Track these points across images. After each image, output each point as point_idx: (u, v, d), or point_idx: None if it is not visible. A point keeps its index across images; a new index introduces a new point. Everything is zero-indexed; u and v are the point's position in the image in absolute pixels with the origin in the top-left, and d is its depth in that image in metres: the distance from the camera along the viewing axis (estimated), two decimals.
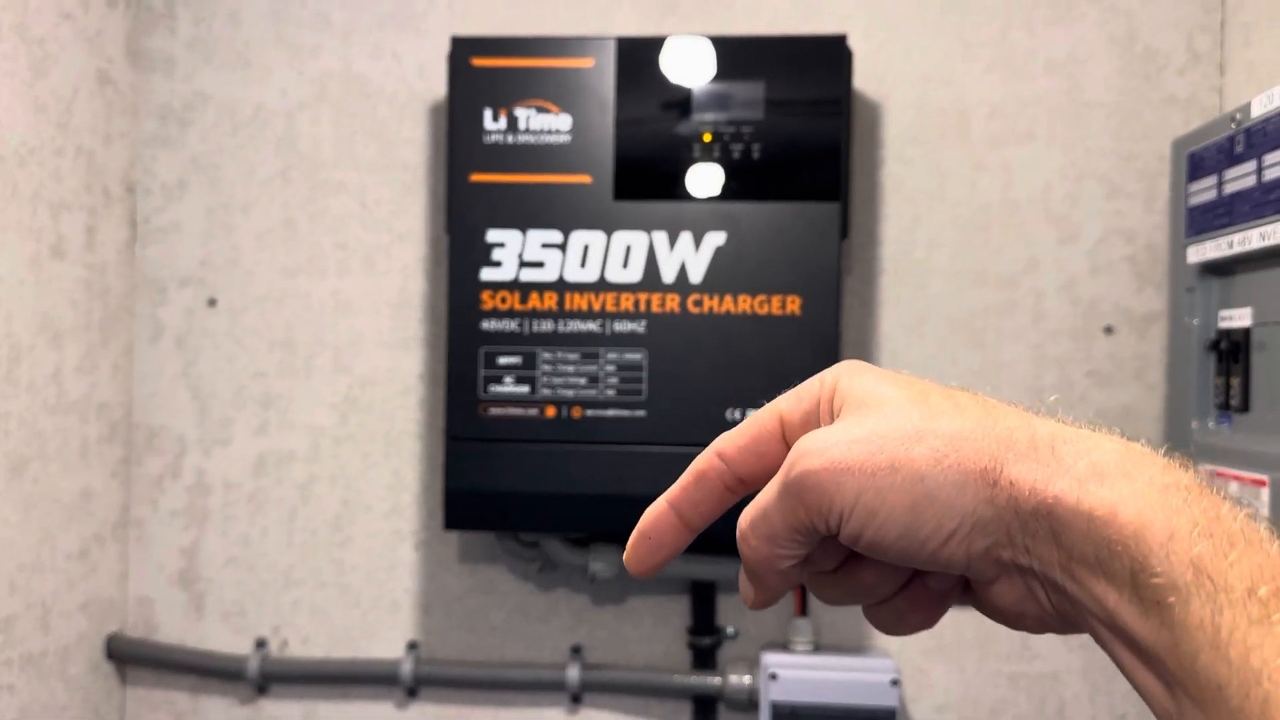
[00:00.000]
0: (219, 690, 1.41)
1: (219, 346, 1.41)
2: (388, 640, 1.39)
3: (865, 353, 1.32)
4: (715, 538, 1.23)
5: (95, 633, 1.36)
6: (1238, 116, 0.96)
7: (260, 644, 1.40)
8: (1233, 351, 1.00)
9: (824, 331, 1.17)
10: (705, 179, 1.18)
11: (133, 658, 1.40)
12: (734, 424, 1.15)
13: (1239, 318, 1.00)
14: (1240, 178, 0.96)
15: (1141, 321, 1.29)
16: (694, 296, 1.18)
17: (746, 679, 1.28)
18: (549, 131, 1.19)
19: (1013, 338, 1.31)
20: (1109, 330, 1.29)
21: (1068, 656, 1.29)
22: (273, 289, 1.40)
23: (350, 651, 1.39)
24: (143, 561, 1.42)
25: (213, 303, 1.41)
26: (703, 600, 1.33)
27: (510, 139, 1.19)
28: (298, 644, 1.40)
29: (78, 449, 1.31)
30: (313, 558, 1.40)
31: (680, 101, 1.19)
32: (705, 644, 1.32)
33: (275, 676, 1.39)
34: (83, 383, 1.32)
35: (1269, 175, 0.91)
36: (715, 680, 1.30)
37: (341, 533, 1.39)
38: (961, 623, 1.31)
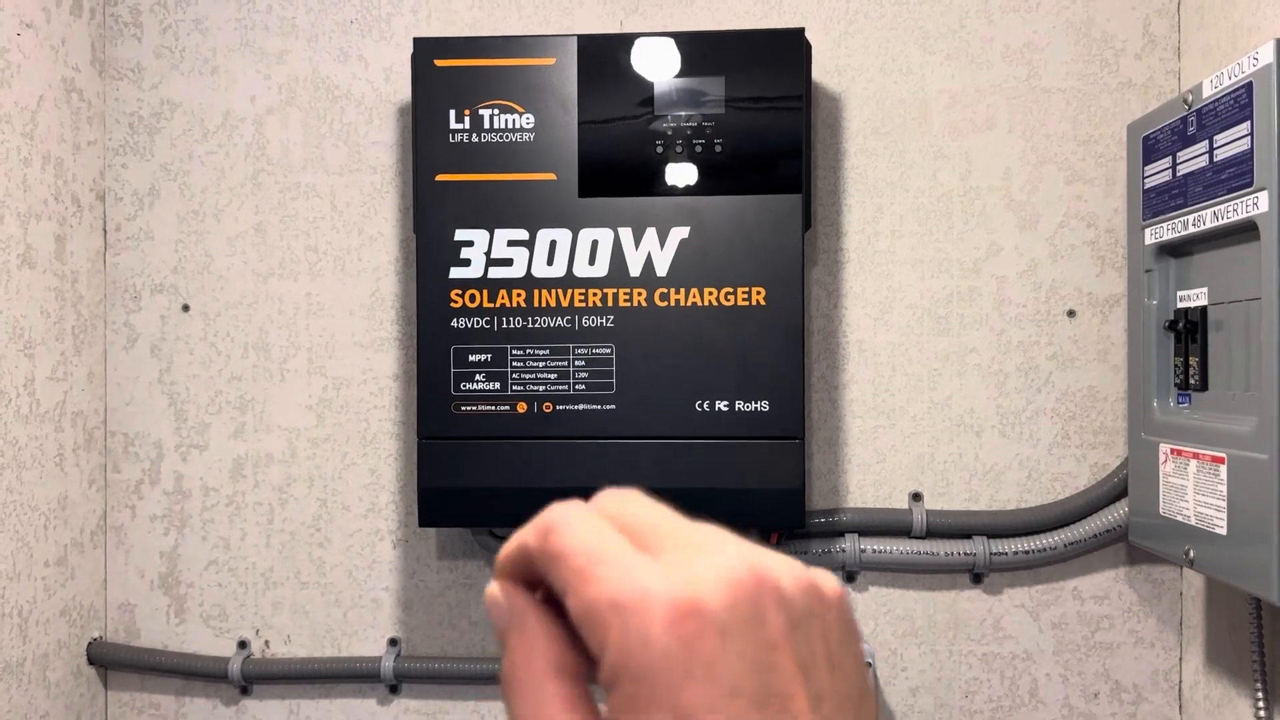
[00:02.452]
0: (202, 692, 1.42)
1: (193, 351, 1.42)
2: (369, 638, 1.40)
3: (833, 342, 1.34)
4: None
5: (76, 639, 1.37)
6: (1189, 98, 0.98)
7: (242, 645, 1.41)
8: (1190, 331, 1.02)
9: (789, 321, 1.18)
10: (669, 174, 1.20)
11: (114, 662, 1.41)
12: (702, 415, 1.16)
13: (1196, 297, 1.02)
14: (1193, 159, 0.98)
15: (1103, 304, 1.31)
16: (660, 290, 1.20)
17: None
18: (513, 130, 1.20)
19: (976, 323, 1.32)
20: (1071, 314, 1.31)
21: (1039, 637, 1.32)
22: (246, 293, 1.41)
23: (332, 650, 1.40)
24: (123, 567, 1.43)
25: (186, 308, 1.42)
26: None
27: (475, 139, 1.21)
28: (280, 644, 1.41)
29: (54, 457, 1.32)
30: (292, 558, 1.41)
31: (642, 98, 1.20)
32: None
33: (258, 677, 1.40)
34: (56, 391, 1.33)
35: (1220, 155, 0.93)
36: None
37: (320, 533, 1.41)
38: (933, 606, 1.33)
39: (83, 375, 1.38)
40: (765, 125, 1.20)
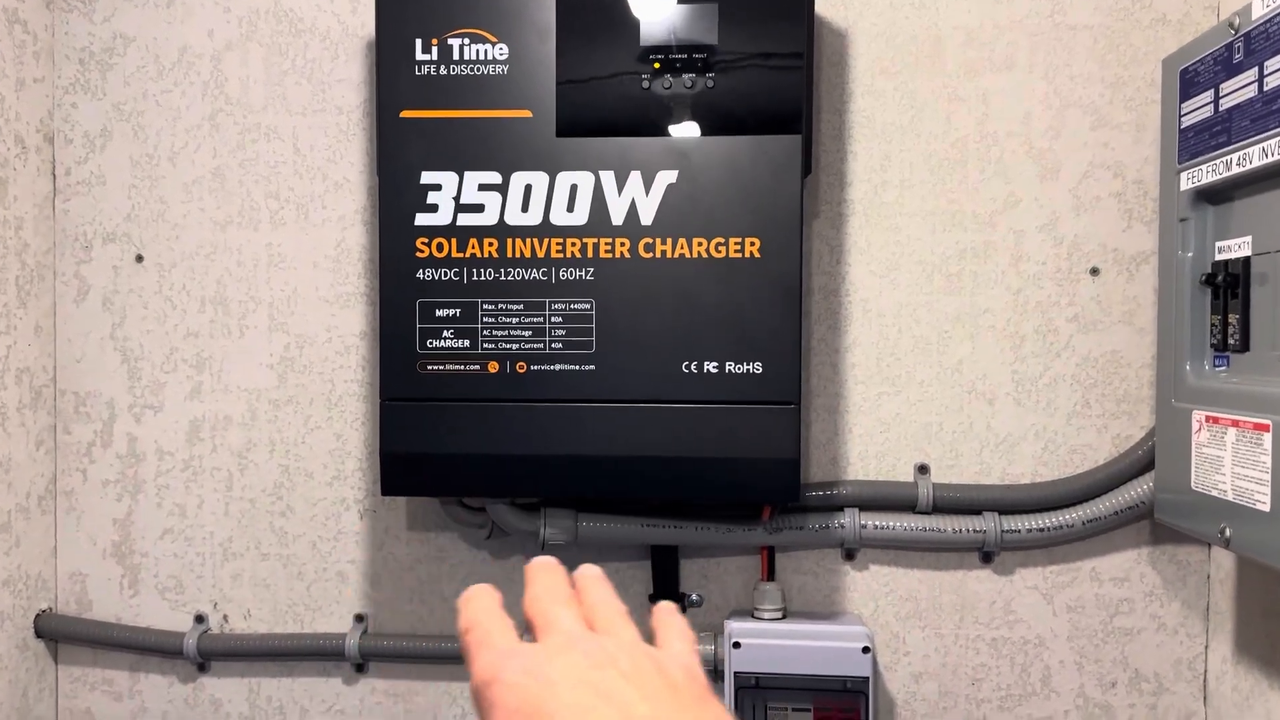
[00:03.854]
0: (158, 668, 1.33)
1: (148, 305, 1.33)
2: (334, 614, 1.31)
3: (835, 301, 1.23)
4: (677, 500, 1.14)
5: (22, 610, 1.28)
6: (1236, 20, 0.87)
7: (200, 619, 1.32)
8: (1230, 285, 0.92)
9: (786, 275, 1.08)
10: (655, 112, 1.09)
11: (64, 636, 1.32)
12: (689, 377, 1.06)
13: (1237, 248, 0.92)
14: (1239, 89, 0.87)
15: (1130, 261, 1.20)
16: (645, 240, 1.09)
17: (710, 648, 1.20)
18: (485, 62, 1.10)
19: (991, 282, 1.22)
20: (1095, 271, 1.21)
21: (1053, 621, 1.22)
22: (203, 243, 1.31)
23: (295, 626, 1.32)
24: (73, 535, 1.34)
25: (140, 259, 1.32)
26: (664, 566, 1.25)
27: (443, 71, 1.10)
28: (239, 619, 1.32)
29: None
30: (253, 528, 1.32)
31: (627, 27, 1.09)
32: None
33: (216, 653, 1.31)
34: (0, 346, 1.23)
35: (1271, 83, 0.82)
36: None
37: (282, 501, 1.31)
38: (939, 586, 1.23)
39: (29, 329, 1.29)
40: (762, 59, 1.09)
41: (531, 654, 0.39)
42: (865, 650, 1.12)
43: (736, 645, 1.14)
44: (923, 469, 1.23)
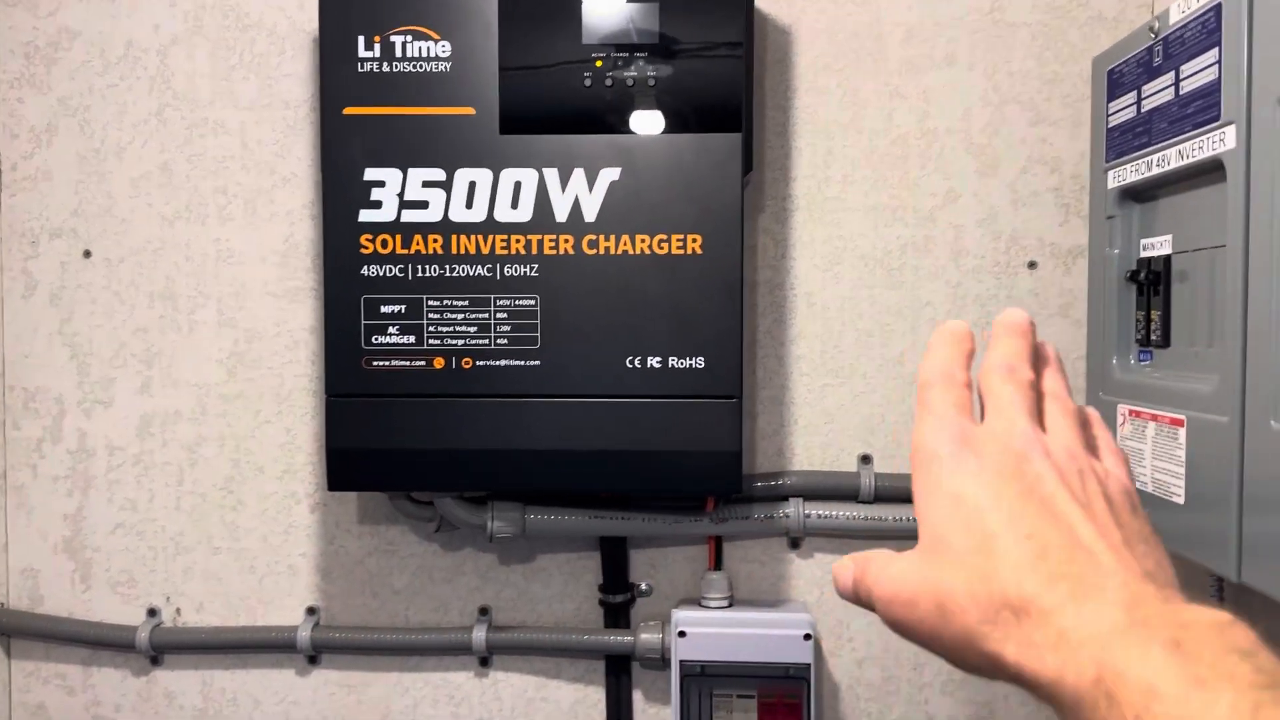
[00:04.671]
0: (110, 662, 1.34)
1: (96, 301, 1.32)
2: (286, 607, 1.32)
3: (780, 294, 1.25)
4: (623, 492, 1.16)
5: None
6: (1155, 25, 0.89)
7: (152, 613, 1.32)
8: (1153, 282, 0.94)
9: (727, 271, 1.09)
10: (598, 110, 1.10)
11: (16, 630, 1.33)
12: (633, 372, 1.07)
13: (1160, 245, 0.94)
14: (1159, 92, 0.89)
15: (1067, 255, 1.22)
16: (589, 237, 1.11)
17: (659, 636, 1.22)
18: (428, 59, 1.10)
19: (931, 275, 1.24)
20: (1032, 265, 1.23)
21: None
22: (150, 238, 1.31)
23: (247, 619, 1.32)
24: (24, 530, 1.34)
25: (88, 254, 1.32)
26: (614, 556, 1.26)
27: (386, 68, 1.10)
28: (191, 612, 1.33)
29: None
30: (204, 522, 1.32)
31: (570, 25, 1.10)
32: (617, 601, 1.26)
33: (169, 647, 1.32)
34: None
35: (1187, 87, 0.84)
36: (627, 639, 1.24)
37: (233, 495, 1.32)
38: None
39: None
40: (703, 57, 1.10)
41: (964, 435, 0.38)
42: (807, 637, 1.14)
43: (682, 634, 1.16)
44: (866, 459, 1.25)
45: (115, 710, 1.34)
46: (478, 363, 1.12)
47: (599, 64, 1.09)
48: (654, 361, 1.11)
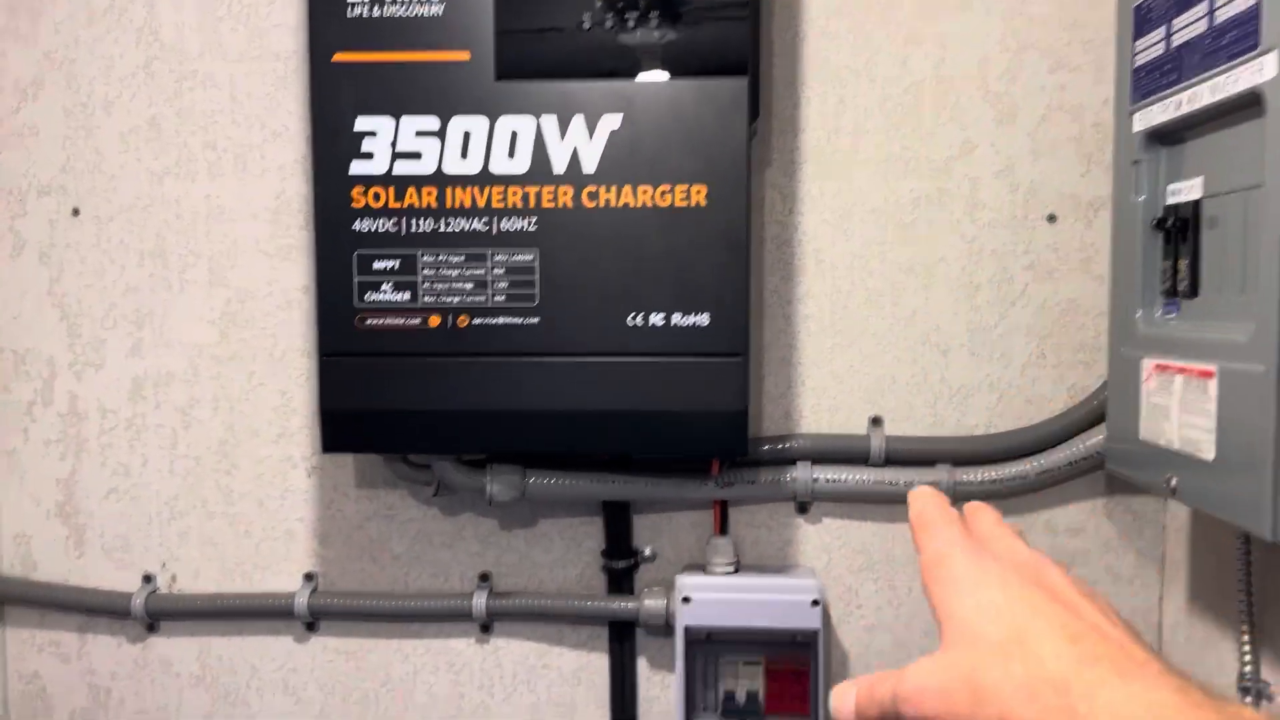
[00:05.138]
0: (106, 629, 1.32)
1: (85, 260, 1.29)
2: (283, 572, 1.29)
3: (788, 251, 1.21)
4: (625, 455, 1.12)
5: None
6: None
7: (147, 579, 1.30)
8: (1181, 229, 0.89)
9: (733, 223, 1.05)
10: (598, 54, 1.05)
11: (9, 597, 1.30)
12: (635, 330, 1.03)
13: (1188, 190, 0.89)
14: (1190, 24, 0.84)
15: (1088, 207, 1.17)
16: (589, 189, 1.06)
17: (663, 603, 1.19)
18: (420, 2, 1.06)
19: (946, 230, 1.19)
20: (1052, 219, 1.18)
21: None
22: (140, 195, 1.27)
23: (244, 585, 1.30)
24: (17, 495, 1.31)
25: (76, 212, 1.29)
26: (617, 521, 1.23)
27: (376, 12, 1.06)
28: (187, 579, 1.30)
29: None
30: (199, 487, 1.29)
31: None
32: (620, 567, 1.23)
33: (165, 613, 1.29)
34: None
35: (1221, 15, 0.79)
36: (631, 605, 1.21)
37: (228, 459, 1.29)
38: (892, 538, 1.22)
39: None
40: None
41: (977, 550, 0.43)
42: (815, 603, 1.10)
43: (686, 600, 1.13)
44: (876, 421, 1.21)
45: (111, 678, 1.32)
46: (474, 320, 1.08)
47: (599, 5, 1.05)
48: (657, 318, 1.07)
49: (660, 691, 1.25)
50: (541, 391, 1.08)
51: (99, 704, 1.32)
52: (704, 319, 1.06)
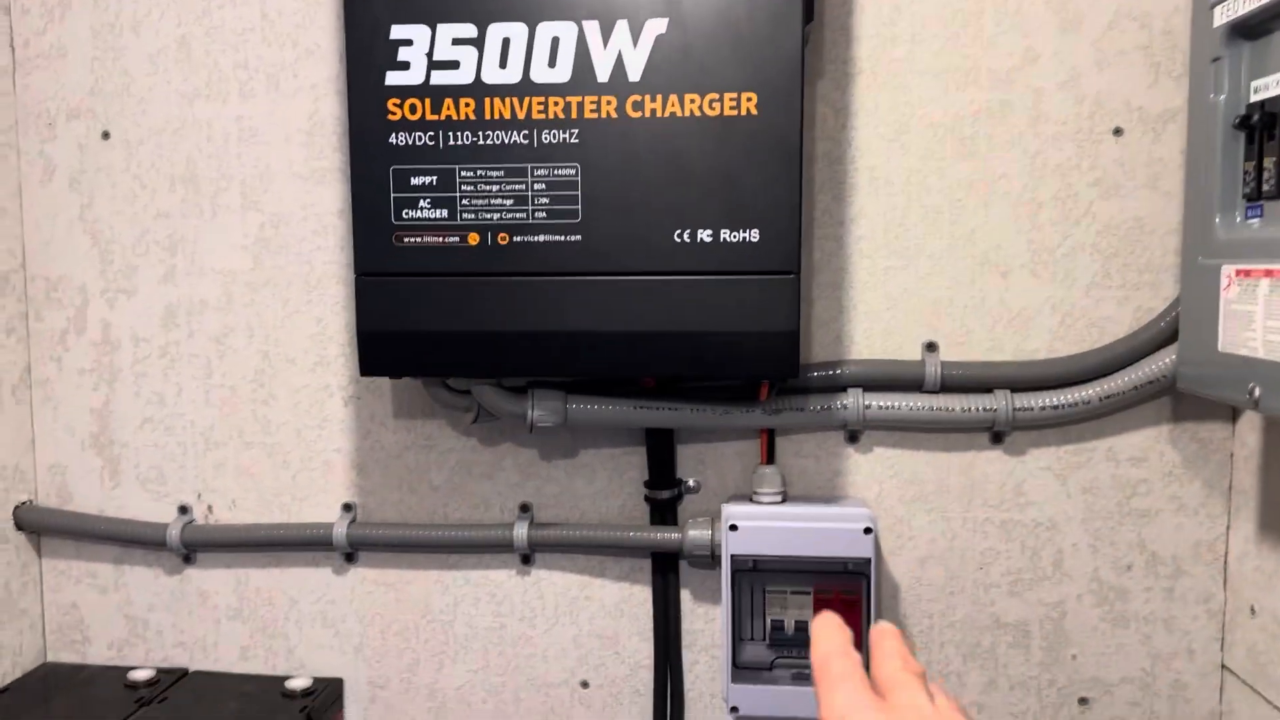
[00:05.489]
0: (143, 560, 1.30)
1: (116, 185, 1.26)
2: (321, 503, 1.27)
3: (840, 168, 1.16)
4: (671, 378, 1.08)
5: (0, 502, 1.24)
6: None
7: (183, 510, 1.28)
8: (1267, 126, 0.84)
9: (785, 133, 1.00)
10: None
11: (45, 528, 1.29)
12: (682, 247, 0.99)
13: (1273, 86, 0.83)
14: None
15: (1156, 120, 1.11)
16: (633, 98, 1.02)
17: (708, 533, 1.15)
18: None
19: (1007, 145, 1.14)
20: (1118, 132, 1.12)
21: (1066, 503, 1.16)
22: (170, 118, 1.24)
23: (281, 516, 1.28)
24: (51, 426, 1.30)
25: (106, 136, 1.26)
26: (660, 451, 1.19)
27: None
28: (224, 509, 1.28)
29: None
30: (234, 416, 1.27)
31: None
32: (663, 498, 1.20)
33: (201, 544, 1.28)
34: None
35: None
36: (675, 535, 1.17)
37: (264, 389, 1.26)
38: (947, 468, 1.17)
39: None
40: None
41: (879, 710, 0.43)
42: (867, 531, 1.07)
43: (733, 528, 1.09)
44: (931, 347, 1.17)
45: (148, 610, 1.31)
46: (514, 238, 1.04)
47: None
48: (704, 235, 1.02)
49: (704, 624, 1.23)
50: (583, 312, 1.04)
51: (137, 635, 1.31)
52: (754, 235, 1.01)
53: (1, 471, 1.25)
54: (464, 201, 1.04)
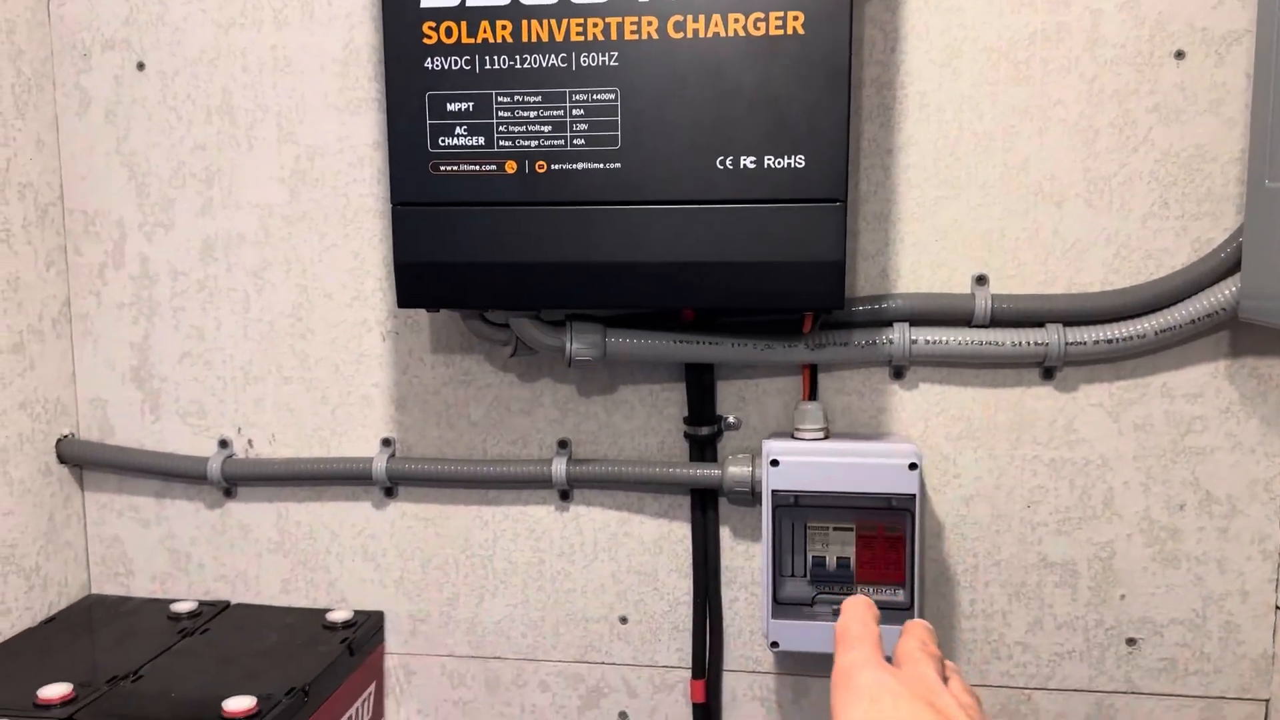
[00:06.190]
0: (184, 494, 1.31)
1: (152, 117, 1.25)
2: (360, 438, 1.27)
3: (889, 94, 1.12)
4: (712, 311, 1.06)
5: (42, 434, 1.25)
6: None
7: (223, 444, 1.28)
8: None
9: (832, 53, 0.96)
10: None
11: (87, 461, 1.30)
12: (724, 173, 0.96)
13: None
14: None
15: (1220, 42, 1.06)
16: (674, 18, 0.98)
17: (748, 469, 1.14)
18: None
19: (1063, 69, 1.09)
20: (1179, 55, 1.07)
21: (1118, 440, 1.13)
22: (205, 47, 1.23)
23: (320, 450, 1.28)
24: (91, 360, 1.30)
25: (141, 67, 1.24)
26: (700, 386, 1.18)
27: None
28: (264, 444, 1.28)
29: None
30: (273, 351, 1.27)
31: None
32: (703, 435, 1.18)
33: (242, 478, 1.28)
34: None
35: None
36: (715, 471, 1.16)
37: (302, 323, 1.26)
38: (995, 405, 1.15)
39: (29, 142, 1.22)
40: None
41: (890, 677, 0.47)
42: (913, 467, 1.04)
43: (775, 463, 1.07)
44: (981, 280, 1.13)
45: (190, 543, 1.31)
46: (552, 166, 1.01)
47: None
48: (748, 161, 0.99)
49: (744, 561, 1.21)
50: (623, 242, 1.02)
51: (179, 568, 1.32)
52: (799, 161, 0.98)
53: (44, 405, 1.25)
54: (501, 128, 1.02)
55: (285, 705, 1.03)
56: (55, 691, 1.02)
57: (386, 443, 1.26)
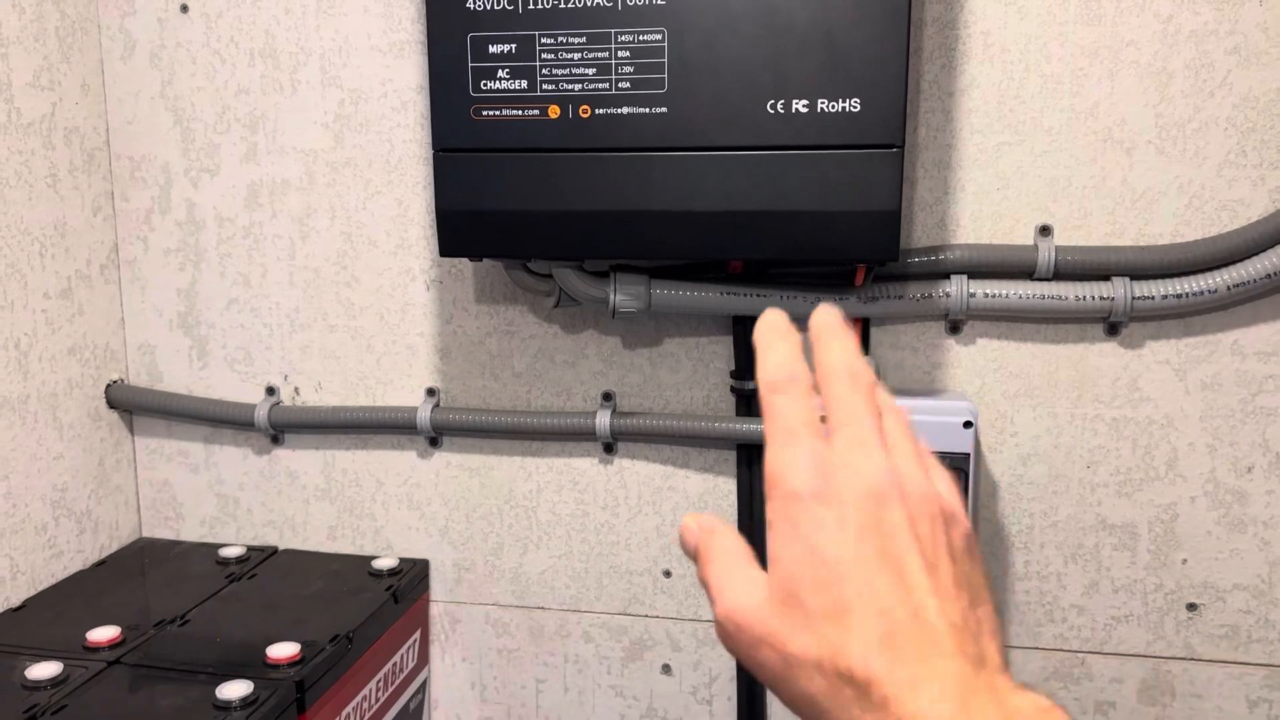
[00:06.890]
0: (232, 440, 1.32)
1: (196, 61, 1.24)
2: (405, 387, 1.26)
3: (951, 34, 1.07)
4: (760, 263, 1.03)
5: (91, 380, 1.26)
6: None
7: (270, 391, 1.28)
8: None
9: None
10: None
11: (137, 406, 1.31)
12: (776, 118, 0.92)
13: None
14: None
15: None
16: None
17: None
18: None
19: (1136, 8, 1.03)
20: None
21: (1184, 400, 1.08)
22: None
23: (366, 399, 1.27)
24: (139, 306, 1.30)
25: (185, 9, 1.23)
26: (747, 340, 1.15)
27: None
28: (310, 392, 1.28)
29: (45, 177, 1.17)
30: (318, 299, 1.26)
31: None
32: (750, 389, 1.15)
33: (289, 425, 1.28)
34: (42, 102, 1.16)
35: None
36: (761, 427, 1.13)
37: (347, 271, 1.25)
38: (1056, 361, 1.10)
39: (74, 86, 1.22)
40: None
41: (835, 486, 0.37)
42: (967, 425, 1.01)
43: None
44: (1045, 230, 1.08)
45: (239, 489, 1.32)
46: (596, 110, 0.98)
47: None
48: (800, 105, 0.95)
49: None
50: (670, 189, 0.98)
51: (228, 514, 1.33)
52: (854, 104, 0.94)
53: (93, 350, 1.26)
54: (544, 71, 0.98)
55: (329, 652, 1.03)
56: (104, 634, 1.04)
57: (431, 392, 1.25)
